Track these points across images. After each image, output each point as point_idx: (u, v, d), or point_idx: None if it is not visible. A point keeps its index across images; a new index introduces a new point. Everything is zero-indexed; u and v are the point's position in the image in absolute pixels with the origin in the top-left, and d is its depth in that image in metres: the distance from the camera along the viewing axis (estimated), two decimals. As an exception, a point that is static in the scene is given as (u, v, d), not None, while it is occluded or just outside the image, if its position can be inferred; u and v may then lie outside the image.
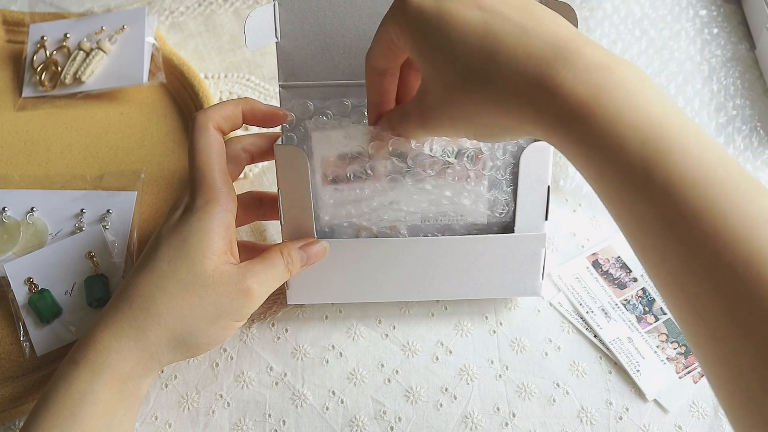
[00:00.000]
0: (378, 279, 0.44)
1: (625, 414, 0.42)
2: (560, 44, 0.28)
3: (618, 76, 0.27)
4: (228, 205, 0.38)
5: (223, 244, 0.37)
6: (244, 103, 0.41)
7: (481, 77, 0.30)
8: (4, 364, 0.45)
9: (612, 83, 0.27)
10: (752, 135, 0.56)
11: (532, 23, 0.29)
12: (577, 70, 0.27)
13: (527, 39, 0.29)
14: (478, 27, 0.30)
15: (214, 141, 0.39)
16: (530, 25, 0.29)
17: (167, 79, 0.58)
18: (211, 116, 0.39)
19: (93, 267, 0.47)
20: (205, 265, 0.36)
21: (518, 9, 0.30)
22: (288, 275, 0.40)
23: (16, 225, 0.50)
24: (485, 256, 0.43)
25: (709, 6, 0.64)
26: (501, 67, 0.29)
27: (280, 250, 0.40)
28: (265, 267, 0.38)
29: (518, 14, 0.30)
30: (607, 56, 0.28)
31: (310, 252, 0.41)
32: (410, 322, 0.46)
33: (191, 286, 0.36)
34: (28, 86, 0.59)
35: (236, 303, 0.37)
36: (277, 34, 0.41)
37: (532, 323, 0.46)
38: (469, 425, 0.42)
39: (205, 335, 0.37)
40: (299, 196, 0.40)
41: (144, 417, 0.43)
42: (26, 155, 0.55)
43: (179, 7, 0.65)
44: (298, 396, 0.43)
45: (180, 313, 0.36)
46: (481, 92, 0.30)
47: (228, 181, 0.39)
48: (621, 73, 0.28)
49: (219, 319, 0.37)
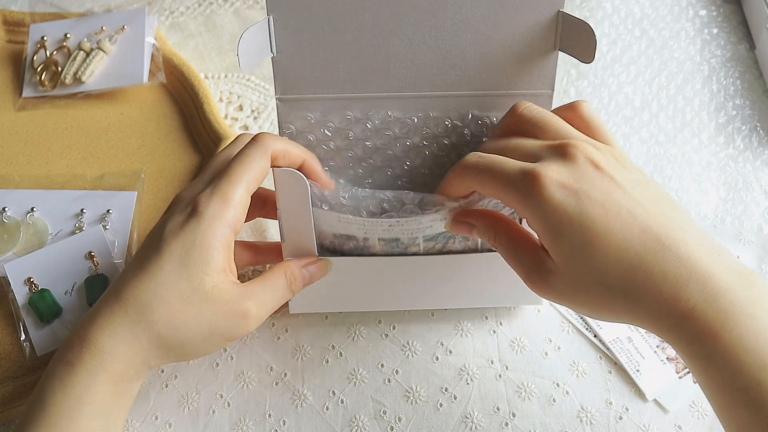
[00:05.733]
0: (380, 292, 0.44)
1: (625, 414, 0.42)
2: (692, 263, 0.30)
3: (743, 298, 0.30)
4: (235, 224, 0.37)
5: (223, 260, 0.36)
6: (309, 157, 0.40)
7: (618, 290, 0.31)
8: (4, 364, 0.45)
9: (738, 307, 0.29)
10: (752, 135, 0.56)
11: (667, 234, 0.31)
12: (707, 294, 0.30)
13: (663, 256, 0.31)
14: (618, 240, 0.31)
15: (262, 167, 0.38)
16: (665, 237, 0.31)
17: (167, 79, 0.58)
18: (275, 146, 0.38)
19: (93, 267, 0.47)
20: (205, 282, 0.36)
21: (653, 214, 0.32)
22: (290, 295, 0.40)
23: (16, 225, 0.50)
24: (486, 269, 0.43)
25: (709, 6, 0.64)
26: (639, 284, 0.31)
27: (284, 271, 0.40)
28: (266, 288, 0.38)
29: (653, 221, 0.31)
30: (733, 274, 0.30)
31: (312, 270, 0.41)
32: (410, 322, 0.46)
33: (189, 300, 0.35)
34: (28, 86, 0.59)
35: (232, 323, 0.37)
36: (273, 49, 0.40)
37: (532, 323, 0.46)
38: (469, 425, 0.42)
39: (195, 348, 0.37)
40: (300, 218, 0.40)
41: (144, 417, 0.43)
42: (26, 155, 0.55)
43: (179, 7, 0.65)
44: (298, 396, 0.43)
45: (174, 324, 0.35)
46: (615, 303, 0.32)
47: (247, 203, 0.38)
48: (747, 294, 0.30)
49: (211, 336, 0.37)
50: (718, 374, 0.30)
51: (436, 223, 0.40)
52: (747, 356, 0.29)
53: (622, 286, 0.31)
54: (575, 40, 0.38)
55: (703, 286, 0.30)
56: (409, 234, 0.40)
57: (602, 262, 0.31)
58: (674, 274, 0.30)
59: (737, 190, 0.53)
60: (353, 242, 0.41)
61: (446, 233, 0.41)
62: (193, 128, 0.57)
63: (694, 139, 0.56)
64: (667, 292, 0.30)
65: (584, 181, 0.32)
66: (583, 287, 0.33)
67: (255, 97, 0.60)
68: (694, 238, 0.31)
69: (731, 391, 0.29)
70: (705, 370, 0.30)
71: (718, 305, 0.30)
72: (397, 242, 0.41)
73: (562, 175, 0.32)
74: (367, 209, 0.40)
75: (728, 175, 0.54)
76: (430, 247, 0.42)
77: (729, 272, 0.30)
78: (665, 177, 0.53)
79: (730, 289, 0.30)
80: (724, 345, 0.29)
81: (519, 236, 0.36)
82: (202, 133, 0.56)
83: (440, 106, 0.41)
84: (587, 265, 0.32)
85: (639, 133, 0.56)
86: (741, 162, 0.54)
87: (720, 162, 0.54)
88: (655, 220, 0.31)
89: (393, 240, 0.41)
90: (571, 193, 0.32)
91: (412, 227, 0.40)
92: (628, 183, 0.33)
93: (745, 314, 0.29)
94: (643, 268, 0.31)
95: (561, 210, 0.32)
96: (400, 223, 0.39)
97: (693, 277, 0.30)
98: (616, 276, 0.31)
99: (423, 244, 0.41)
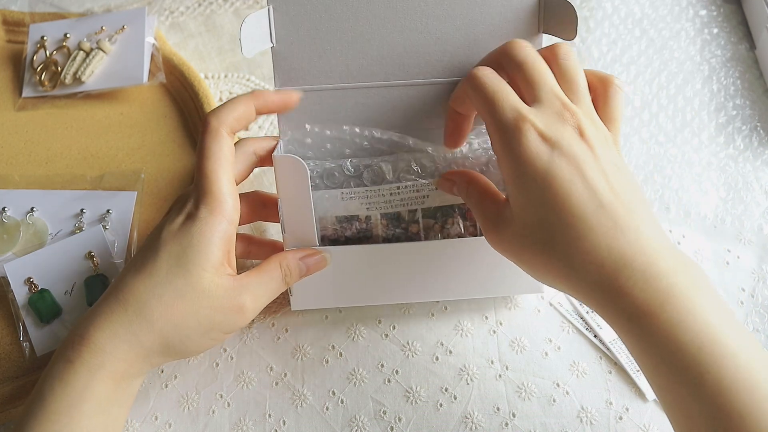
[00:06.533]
0: (381, 283, 0.44)
1: (625, 414, 0.42)
2: (639, 246, 0.31)
3: (684, 282, 0.31)
4: (231, 216, 0.37)
5: (221, 255, 0.37)
6: (254, 97, 0.40)
7: (561, 255, 0.33)
8: (4, 364, 0.45)
9: (677, 289, 0.31)
10: (752, 135, 0.56)
11: (623, 217, 0.32)
12: (648, 275, 0.31)
13: (613, 234, 0.32)
14: (578, 205, 0.32)
15: (225, 147, 0.38)
16: (621, 219, 0.32)
17: (167, 79, 0.58)
18: (224, 119, 0.38)
19: (93, 267, 0.47)
20: (202, 278, 0.36)
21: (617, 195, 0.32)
22: (284, 287, 0.40)
23: (16, 225, 0.50)
24: (487, 255, 0.43)
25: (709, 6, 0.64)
26: (581, 254, 0.32)
27: (279, 262, 0.40)
28: (261, 280, 0.39)
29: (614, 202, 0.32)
30: (676, 261, 0.32)
31: (309, 262, 0.41)
32: (410, 322, 0.46)
33: (186, 297, 0.36)
34: (28, 86, 0.59)
35: (228, 317, 0.37)
36: (272, 39, 0.41)
37: (532, 323, 0.46)
38: (469, 425, 0.42)
39: (194, 344, 0.37)
40: (300, 205, 0.40)
41: (144, 417, 0.43)
42: (26, 155, 0.55)
43: (179, 7, 0.65)
44: (298, 396, 0.43)
45: (173, 321, 0.36)
46: (556, 268, 0.33)
47: (234, 191, 0.38)
48: (687, 279, 0.31)
49: (210, 331, 0.37)
50: (656, 353, 0.31)
51: (433, 194, 0.42)
52: (685, 335, 0.30)
53: (566, 252, 0.32)
54: (558, 21, 0.40)
55: (645, 267, 0.31)
56: (408, 205, 0.42)
57: (552, 222, 0.32)
58: (619, 252, 0.31)
59: (737, 190, 0.53)
60: (356, 224, 0.42)
61: (444, 208, 0.42)
62: (193, 128, 0.57)
63: (694, 139, 0.56)
64: (610, 267, 0.31)
65: (564, 140, 0.33)
66: (530, 243, 0.34)
67: (255, 97, 0.60)
68: (649, 228, 0.32)
69: (670, 369, 0.30)
70: (644, 349, 0.31)
71: (658, 286, 0.30)
72: (398, 220, 0.42)
73: (548, 128, 0.33)
74: (369, 178, 0.42)
75: (728, 175, 0.54)
76: (429, 225, 0.42)
77: (672, 260, 0.32)
78: (665, 177, 0.53)
79: (671, 273, 0.31)
80: (662, 324, 0.30)
81: (488, 191, 0.38)
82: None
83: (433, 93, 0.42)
84: (537, 221, 0.33)
85: (639, 133, 0.56)
86: (741, 162, 0.54)
87: (720, 162, 0.54)
88: (617, 201, 0.32)
89: (394, 217, 0.42)
90: (548, 147, 0.33)
91: (411, 195, 0.42)
92: (605, 160, 0.33)
93: (684, 296, 0.30)
94: (590, 239, 0.32)
95: (532, 159, 0.33)
96: (400, 190, 0.41)
97: (637, 259, 0.31)
98: (562, 240, 0.32)
99: (423, 221, 0.42)
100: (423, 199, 0.42)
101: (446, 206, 0.42)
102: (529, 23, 0.41)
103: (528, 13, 0.41)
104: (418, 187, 0.41)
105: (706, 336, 0.30)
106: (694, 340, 0.30)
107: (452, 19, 0.41)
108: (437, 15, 0.41)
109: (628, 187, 0.33)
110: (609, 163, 0.34)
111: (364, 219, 0.42)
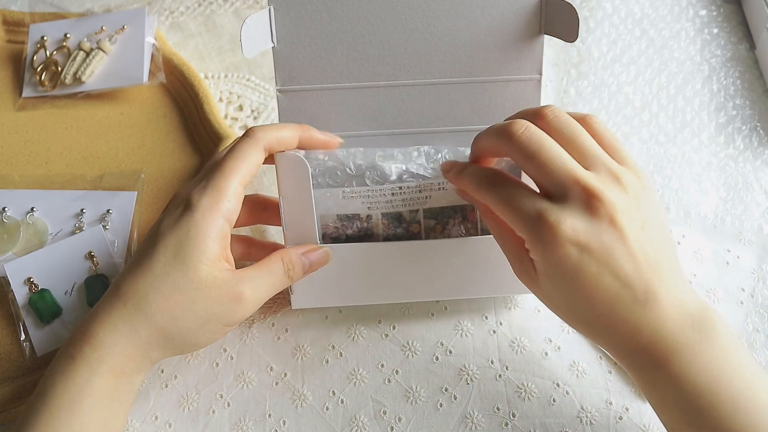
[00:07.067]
0: (382, 281, 0.44)
1: (625, 414, 0.42)
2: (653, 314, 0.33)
3: (691, 338, 0.33)
4: (230, 215, 0.38)
5: (218, 249, 0.37)
6: (302, 131, 0.40)
7: (584, 322, 0.35)
8: (4, 364, 0.45)
9: (683, 346, 0.33)
10: (752, 135, 0.56)
11: (645, 289, 0.33)
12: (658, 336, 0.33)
13: (631, 307, 0.33)
14: (605, 297, 0.33)
15: (254, 158, 0.39)
16: (642, 292, 0.33)
17: (167, 79, 0.58)
18: (268, 136, 0.39)
19: (93, 267, 0.47)
20: (200, 270, 0.36)
21: (642, 268, 0.33)
22: (289, 281, 0.40)
23: (16, 225, 0.50)
24: (487, 255, 0.43)
25: (709, 6, 0.64)
26: (600, 325, 0.34)
27: (281, 257, 0.40)
28: (261, 273, 0.39)
29: (637, 279, 0.33)
30: (687, 315, 0.33)
31: (312, 258, 0.41)
32: (410, 322, 0.46)
33: (184, 289, 0.36)
34: (28, 86, 0.59)
35: (227, 308, 0.37)
36: (273, 39, 0.41)
37: (532, 323, 0.46)
38: (468, 425, 0.42)
39: (195, 337, 0.37)
40: (301, 203, 0.40)
41: (144, 417, 0.43)
42: (26, 155, 0.55)
43: (179, 7, 0.65)
44: (298, 396, 0.43)
45: (172, 314, 0.36)
46: (577, 327, 0.37)
47: (240, 196, 0.38)
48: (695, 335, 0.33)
49: (209, 323, 0.37)
50: (663, 398, 0.34)
51: (435, 194, 0.41)
52: (686, 385, 0.32)
53: (587, 323, 0.35)
54: (559, 22, 0.40)
55: (656, 330, 0.33)
56: (410, 205, 0.42)
57: (576, 304, 0.34)
58: (636, 324, 0.33)
59: (737, 190, 0.53)
60: (357, 223, 0.42)
61: (446, 209, 0.42)
62: (193, 128, 0.57)
63: (694, 139, 0.56)
64: (625, 334, 0.34)
65: (594, 237, 0.33)
66: (553, 307, 0.36)
67: (255, 97, 0.60)
68: (668, 291, 0.34)
69: (674, 411, 0.33)
70: (652, 393, 0.35)
71: (667, 345, 0.33)
72: (399, 220, 0.42)
73: (577, 231, 0.33)
74: (371, 178, 0.41)
75: (728, 175, 0.54)
76: (431, 226, 0.42)
77: (684, 314, 0.33)
78: (665, 177, 0.53)
79: (679, 332, 0.33)
80: (668, 375, 0.33)
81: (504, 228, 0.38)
82: (201, 133, 0.56)
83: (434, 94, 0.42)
84: (565, 303, 0.35)
85: (639, 133, 0.56)
86: (741, 162, 0.54)
87: (720, 162, 0.54)
88: (641, 276, 0.33)
89: (395, 217, 0.42)
90: (577, 249, 0.33)
91: (414, 196, 0.41)
92: (633, 233, 0.33)
93: (690, 351, 0.33)
94: (610, 314, 0.34)
95: (562, 261, 0.33)
96: (402, 191, 0.41)
97: (651, 325, 0.33)
98: (584, 318, 0.35)
99: (424, 221, 0.42)
100: (425, 199, 0.42)
101: (448, 207, 0.42)
102: (530, 24, 0.41)
103: (529, 14, 0.41)
104: (421, 187, 0.41)
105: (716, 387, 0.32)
106: (694, 389, 0.32)
107: (453, 20, 0.41)
108: (438, 15, 0.41)
109: (657, 248, 0.34)
110: (638, 231, 0.33)
111: (365, 218, 0.42)
